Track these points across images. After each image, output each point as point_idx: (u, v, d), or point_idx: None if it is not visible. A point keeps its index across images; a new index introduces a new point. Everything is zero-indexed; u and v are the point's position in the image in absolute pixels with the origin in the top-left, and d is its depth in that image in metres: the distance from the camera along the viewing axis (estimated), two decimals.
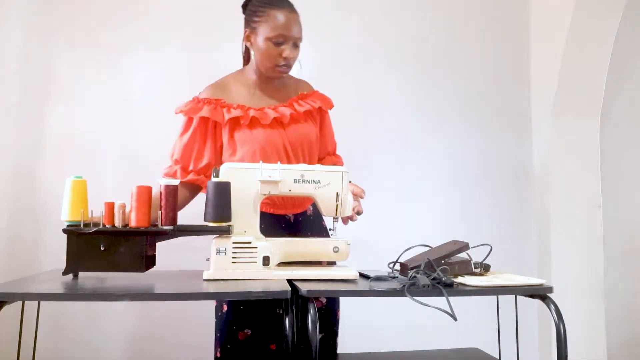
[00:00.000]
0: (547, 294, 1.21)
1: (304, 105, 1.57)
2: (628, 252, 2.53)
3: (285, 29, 1.48)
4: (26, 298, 1.10)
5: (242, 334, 1.48)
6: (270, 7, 1.51)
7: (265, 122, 1.51)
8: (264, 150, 1.50)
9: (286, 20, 1.49)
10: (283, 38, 1.48)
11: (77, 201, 1.21)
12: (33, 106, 2.17)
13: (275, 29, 1.48)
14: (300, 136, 1.55)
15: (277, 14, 1.49)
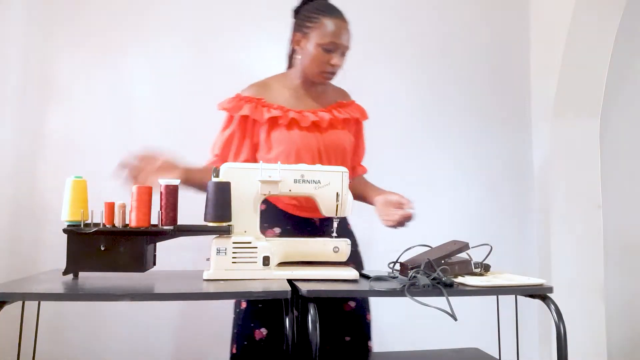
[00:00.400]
0: (547, 294, 1.21)
1: (342, 113, 1.61)
2: (628, 252, 2.53)
3: (336, 36, 1.52)
4: (26, 298, 1.10)
5: (258, 333, 1.49)
6: (324, 14, 1.55)
7: (304, 124, 1.53)
8: (299, 152, 1.53)
9: (338, 29, 1.53)
10: (333, 45, 1.52)
11: (77, 201, 1.21)
12: (33, 106, 2.17)
13: (327, 36, 1.52)
14: (336, 142, 1.57)
15: (330, 21, 1.53)
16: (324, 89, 1.66)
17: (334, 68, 1.55)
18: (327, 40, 1.52)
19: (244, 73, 2.31)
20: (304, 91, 1.63)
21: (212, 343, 2.17)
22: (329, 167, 1.37)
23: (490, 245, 1.39)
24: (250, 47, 2.33)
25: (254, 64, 2.33)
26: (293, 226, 1.55)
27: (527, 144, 2.50)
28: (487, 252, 1.36)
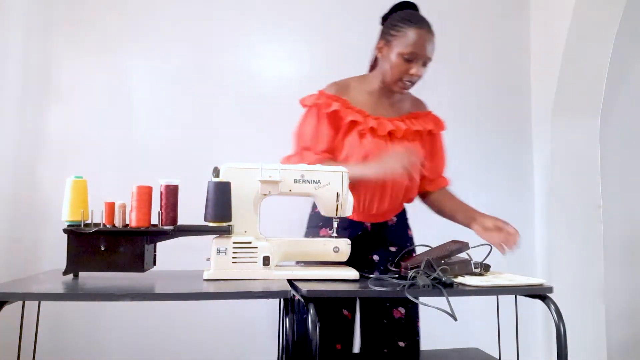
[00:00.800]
0: (547, 294, 1.21)
1: (415, 124, 1.60)
2: (628, 252, 2.53)
3: (418, 47, 1.52)
4: (26, 298, 1.10)
5: None
6: (409, 24, 1.54)
7: (380, 132, 1.54)
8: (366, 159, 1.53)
9: (421, 39, 1.52)
10: (414, 55, 1.52)
11: (77, 201, 1.21)
12: (33, 106, 2.17)
13: (409, 46, 1.52)
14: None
15: (413, 31, 1.53)
16: (401, 97, 1.66)
17: (413, 78, 1.55)
18: (409, 50, 1.52)
19: (244, 74, 2.32)
20: (381, 97, 1.63)
21: (212, 343, 2.17)
22: (328, 167, 1.37)
23: (490, 244, 1.39)
24: (250, 48, 2.33)
25: (254, 64, 2.33)
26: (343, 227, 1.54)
27: (527, 144, 2.50)
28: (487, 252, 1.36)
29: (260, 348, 2.06)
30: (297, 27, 2.37)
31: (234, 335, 2.17)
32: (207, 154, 2.17)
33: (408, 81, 1.56)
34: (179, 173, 1.44)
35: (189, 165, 2.10)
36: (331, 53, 2.36)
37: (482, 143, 2.47)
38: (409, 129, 1.58)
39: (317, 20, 2.38)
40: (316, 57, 2.37)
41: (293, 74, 2.35)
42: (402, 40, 1.54)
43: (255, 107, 2.29)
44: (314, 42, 2.38)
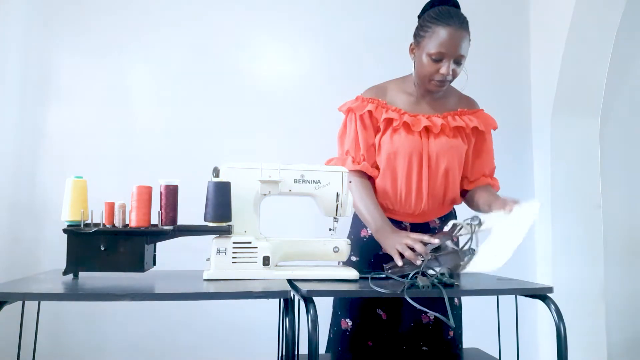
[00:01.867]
0: (547, 294, 1.21)
1: (457, 120, 1.57)
2: (628, 252, 2.53)
3: (446, 46, 1.49)
4: (26, 298, 1.10)
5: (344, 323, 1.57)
6: (437, 23, 1.52)
7: (416, 128, 1.54)
8: (400, 156, 1.54)
9: (449, 38, 1.49)
10: (442, 55, 1.49)
11: (77, 201, 1.21)
12: (33, 106, 2.17)
13: (436, 46, 1.49)
14: (445, 148, 1.54)
15: (441, 30, 1.50)
16: (444, 96, 1.63)
17: (443, 77, 1.51)
18: (436, 50, 1.49)
19: (244, 74, 2.32)
20: (421, 96, 1.61)
21: (212, 343, 2.17)
22: (328, 167, 1.37)
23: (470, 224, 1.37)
24: (250, 48, 2.33)
25: (254, 64, 2.33)
26: None
27: (527, 144, 2.49)
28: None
29: (260, 348, 2.06)
30: (298, 27, 2.37)
31: (234, 335, 2.17)
32: (207, 154, 2.17)
33: (439, 80, 1.52)
34: (179, 173, 1.44)
35: (189, 165, 2.10)
36: (331, 53, 2.36)
37: None
38: (448, 125, 1.56)
39: (318, 20, 2.38)
40: (316, 57, 2.37)
41: (293, 74, 2.35)
42: (430, 41, 1.51)
43: (256, 107, 2.29)
44: (314, 42, 2.38)
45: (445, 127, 1.55)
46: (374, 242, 1.53)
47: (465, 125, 1.57)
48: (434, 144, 1.55)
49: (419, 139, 1.54)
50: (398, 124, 1.54)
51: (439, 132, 1.55)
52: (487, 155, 1.66)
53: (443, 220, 1.61)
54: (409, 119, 1.54)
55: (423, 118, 1.55)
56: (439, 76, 1.51)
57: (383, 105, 1.58)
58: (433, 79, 1.53)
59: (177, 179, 1.27)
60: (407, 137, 1.54)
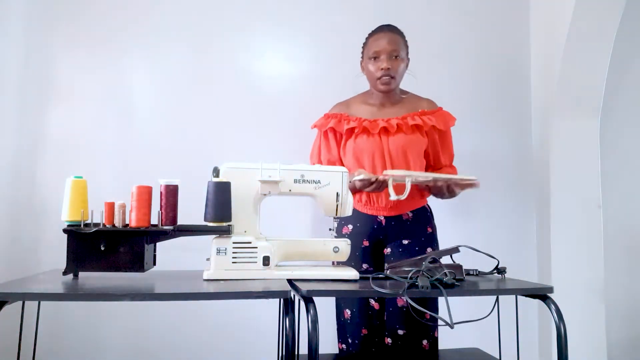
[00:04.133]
0: (547, 294, 1.21)
1: (416, 119, 1.75)
2: (628, 252, 2.53)
3: (378, 45, 1.73)
4: (26, 298, 1.10)
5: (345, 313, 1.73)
6: (369, 36, 1.80)
7: (374, 131, 1.72)
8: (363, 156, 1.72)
9: (378, 39, 1.74)
10: (377, 53, 1.73)
11: (77, 201, 1.21)
12: (33, 106, 2.17)
13: (370, 49, 1.76)
14: (403, 144, 1.71)
15: (373, 38, 1.77)
16: (407, 101, 1.82)
17: (386, 71, 1.71)
18: (371, 51, 1.74)
19: (244, 74, 2.32)
20: (383, 105, 1.80)
21: (212, 343, 2.17)
22: (328, 167, 1.37)
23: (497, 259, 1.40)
24: (250, 49, 2.33)
25: (254, 64, 2.33)
26: (361, 223, 1.75)
27: (527, 144, 2.49)
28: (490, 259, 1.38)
29: (260, 348, 2.06)
30: (298, 26, 2.37)
31: (234, 335, 2.17)
32: (207, 154, 2.17)
33: (384, 76, 1.72)
34: (179, 173, 1.44)
35: (189, 165, 2.10)
36: (331, 53, 2.36)
37: (482, 143, 2.47)
38: (405, 124, 1.72)
39: (318, 20, 2.38)
40: (316, 57, 2.37)
41: (293, 74, 2.35)
42: (367, 49, 1.79)
43: (256, 107, 2.29)
44: (314, 42, 2.38)
45: (402, 125, 1.72)
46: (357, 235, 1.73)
47: (423, 123, 1.74)
48: (392, 141, 1.72)
49: (378, 139, 1.72)
50: (359, 130, 1.73)
51: (396, 130, 1.72)
52: (448, 148, 1.86)
53: (416, 213, 1.77)
54: (368, 124, 1.73)
55: (381, 121, 1.73)
56: (380, 72, 1.72)
57: (345, 117, 1.78)
58: (378, 78, 1.73)
59: (177, 179, 1.27)
60: (368, 140, 1.72)
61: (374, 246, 1.76)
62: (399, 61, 1.73)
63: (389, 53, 1.71)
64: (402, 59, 1.75)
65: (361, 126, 1.73)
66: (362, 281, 1.26)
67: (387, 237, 1.75)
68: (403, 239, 1.74)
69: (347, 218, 1.75)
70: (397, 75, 1.74)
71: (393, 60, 1.72)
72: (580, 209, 2.29)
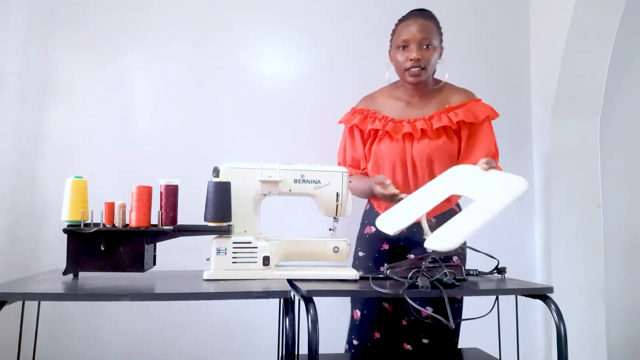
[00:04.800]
0: (548, 294, 1.21)
1: (442, 119, 1.61)
2: (628, 252, 2.52)
3: (407, 34, 1.60)
4: (26, 298, 1.10)
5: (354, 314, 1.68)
6: (399, 22, 1.66)
7: (398, 135, 1.61)
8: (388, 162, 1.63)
9: (408, 26, 1.61)
10: (406, 42, 1.59)
11: (77, 201, 1.21)
12: (33, 106, 2.16)
13: (399, 37, 1.62)
14: (427, 151, 1.59)
15: (402, 24, 1.63)
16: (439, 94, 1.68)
17: (415, 62, 1.58)
18: (399, 40, 1.61)
19: (244, 74, 2.32)
20: (412, 98, 1.68)
21: (212, 343, 2.17)
22: (328, 167, 1.37)
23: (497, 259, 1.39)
24: (250, 48, 2.33)
25: (254, 64, 2.33)
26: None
27: (527, 144, 2.49)
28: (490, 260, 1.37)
29: (260, 348, 2.06)
30: (298, 26, 2.37)
31: (234, 335, 2.17)
32: (207, 154, 2.17)
33: (413, 67, 1.58)
34: (179, 173, 1.44)
35: (189, 165, 2.10)
36: (332, 53, 2.36)
37: None
38: (430, 128, 1.60)
39: (319, 20, 2.38)
40: (317, 56, 2.37)
41: (293, 74, 2.35)
42: (395, 37, 1.65)
43: (256, 107, 2.29)
44: (314, 41, 2.38)
45: (427, 130, 1.60)
46: (377, 238, 1.64)
47: (449, 122, 1.60)
48: (416, 147, 1.61)
49: (402, 144, 1.61)
50: (382, 134, 1.63)
51: (421, 136, 1.60)
52: (483, 144, 1.67)
53: (440, 218, 1.63)
54: (391, 127, 1.62)
55: (406, 124, 1.61)
56: (410, 63, 1.58)
57: (371, 114, 1.67)
58: (407, 69, 1.60)
59: (177, 179, 1.27)
60: (390, 145, 1.62)
61: (395, 249, 1.67)
62: (430, 51, 1.59)
63: (419, 42, 1.57)
64: (434, 48, 1.60)
65: (384, 129, 1.62)
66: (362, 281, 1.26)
67: (409, 242, 1.65)
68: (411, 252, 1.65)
69: (371, 218, 1.66)
70: (429, 65, 1.59)
71: (424, 50, 1.58)
72: (580, 209, 2.29)
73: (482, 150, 1.66)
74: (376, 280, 1.24)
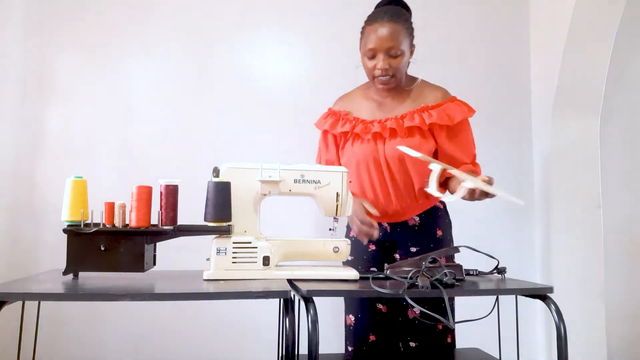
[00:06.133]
0: (548, 294, 1.21)
1: (415, 119, 1.55)
2: (628, 252, 2.52)
3: (374, 42, 1.52)
4: (26, 298, 1.10)
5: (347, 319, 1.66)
6: (367, 24, 1.57)
7: (366, 136, 1.57)
8: (359, 164, 1.59)
9: (376, 34, 1.51)
10: (373, 52, 1.53)
11: (77, 201, 1.21)
12: (32, 106, 2.17)
13: (366, 45, 1.55)
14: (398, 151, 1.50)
15: (369, 29, 1.54)
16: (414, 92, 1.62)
17: (384, 71, 1.53)
18: (366, 48, 1.54)
19: (244, 74, 2.32)
20: (383, 99, 1.63)
21: (212, 343, 2.17)
22: (328, 167, 1.37)
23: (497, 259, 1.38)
24: (250, 50, 2.33)
25: (254, 64, 2.33)
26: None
27: (527, 144, 2.49)
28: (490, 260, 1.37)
29: (260, 348, 2.06)
30: (298, 26, 2.37)
31: (234, 335, 2.17)
32: (207, 154, 2.17)
33: (381, 76, 1.54)
34: (179, 173, 1.44)
35: (189, 165, 2.10)
36: (332, 52, 2.36)
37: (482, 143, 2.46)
38: (400, 127, 1.55)
39: (318, 20, 2.38)
40: (317, 56, 2.37)
41: (293, 74, 2.35)
42: (362, 43, 1.57)
43: (256, 107, 2.29)
44: (314, 41, 2.38)
45: (396, 129, 1.55)
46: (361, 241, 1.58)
47: (421, 123, 1.54)
48: (388, 146, 1.56)
49: (373, 145, 1.57)
50: (350, 135, 1.61)
51: (390, 135, 1.56)
52: (463, 144, 1.62)
53: (423, 217, 1.63)
54: (360, 129, 1.58)
55: (376, 124, 1.57)
56: (377, 72, 1.53)
57: (344, 116, 1.63)
58: (376, 77, 1.55)
59: (177, 179, 1.27)
60: (361, 146, 1.59)
61: (382, 249, 1.66)
62: (398, 58, 1.52)
63: (386, 51, 1.50)
64: (403, 53, 1.52)
65: (352, 131, 1.59)
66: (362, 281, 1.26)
67: (394, 243, 1.64)
68: (411, 246, 1.62)
69: None
70: (398, 72, 1.54)
71: (391, 59, 1.52)
72: (580, 209, 2.29)
73: (465, 150, 1.62)
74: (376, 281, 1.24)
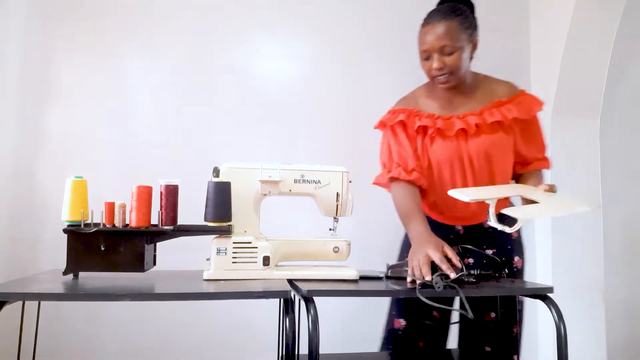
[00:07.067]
0: (547, 294, 1.21)
1: (495, 115, 1.49)
2: (628, 252, 2.53)
3: (427, 43, 1.48)
4: (26, 298, 1.10)
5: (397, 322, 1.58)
6: (421, 26, 1.52)
7: (449, 133, 1.50)
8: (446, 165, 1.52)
9: (428, 34, 1.48)
10: (427, 53, 1.49)
11: (77, 201, 1.21)
12: (32, 106, 2.16)
13: (420, 46, 1.51)
14: (485, 147, 1.48)
15: (422, 31, 1.51)
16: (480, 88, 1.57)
17: (440, 71, 1.48)
18: (420, 50, 1.51)
19: (244, 74, 2.32)
20: (453, 96, 1.56)
21: (212, 343, 2.17)
22: (328, 167, 1.37)
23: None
24: (249, 49, 2.33)
25: (254, 64, 2.33)
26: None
27: None
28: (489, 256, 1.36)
29: (260, 348, 2.06)
30: (298, 26, 2.37)
31: (234, 335, 2.17)
32: (207, 154, 2.17)
33: (438, 75, 1.49)
34: (179, 173, 1.44)
35: (189, 165, 2.10)
36: (332, 52, 2.36)
37: None
38: (484, 123, 1.49)
39: (318, 19, 2.38)
40: (317, 56, 2.37)
41: (293, 74, 2.35)
42: (419, 43, 1.52)
43: (256, 107, 2.29)
44: (314, 41, 2.38)
45: (481, 125, 1.49)
46: None
47: (503, 118, 1.49)
48: (473, 144, 1.50)
49: (456, 143, 1.50)
50: (433, 131, 1.51)
51: (475, 131, 1.49)
52: (536, 138, 1.59)
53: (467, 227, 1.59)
54: (442, 124, 1.50)
55: (457, 120, 1.50)
56: (434, 72, 1.49)
57: (416, 113, 1.55)
58: (434, 77, 1.50)
59: (177, 179, 1.27)
60: (444, 144, 1.51)
61: None
62: (454, 55, 1.46)
63: (439, 50, 1.45)
64: (459, 49, 1.46)
65: (435, 126, 1.51)
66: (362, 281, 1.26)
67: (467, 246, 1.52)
68: (486, 248, 1.55)
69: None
70: (457, 69, 1.48)
71: (446, 57, 1.46)
72: None
73: (538, 145, 1.59)
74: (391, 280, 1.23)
